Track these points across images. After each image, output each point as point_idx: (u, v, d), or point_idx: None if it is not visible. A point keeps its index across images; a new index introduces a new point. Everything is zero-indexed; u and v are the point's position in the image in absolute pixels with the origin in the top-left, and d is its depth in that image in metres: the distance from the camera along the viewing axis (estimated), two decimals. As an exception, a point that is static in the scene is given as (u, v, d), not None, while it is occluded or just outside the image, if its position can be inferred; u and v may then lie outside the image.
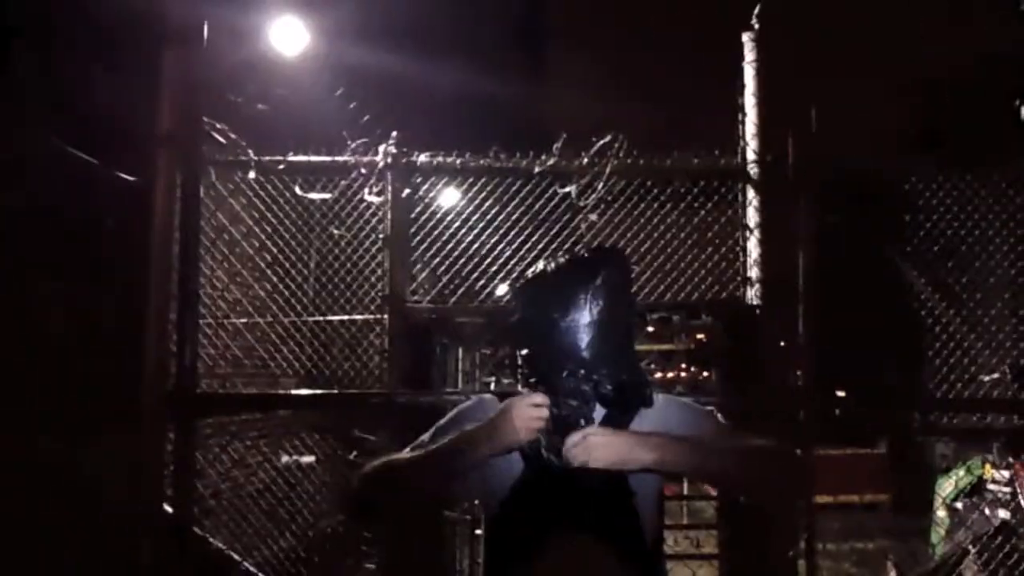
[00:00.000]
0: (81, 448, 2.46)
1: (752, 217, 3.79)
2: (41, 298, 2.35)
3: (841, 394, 3.74)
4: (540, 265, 2.01)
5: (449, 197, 4.37)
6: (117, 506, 2.67)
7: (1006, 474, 5.60)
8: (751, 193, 3.80)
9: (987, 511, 5.72)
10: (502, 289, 4.23)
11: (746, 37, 3.82)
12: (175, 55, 2.77)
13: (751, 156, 3.78)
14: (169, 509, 3.04)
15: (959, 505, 6.15)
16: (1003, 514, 5.52)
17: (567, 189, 4.02)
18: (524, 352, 1.95)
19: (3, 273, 2.23)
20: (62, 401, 2.42)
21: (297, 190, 4.20)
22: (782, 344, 3.62)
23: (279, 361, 4.84)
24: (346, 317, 4.71)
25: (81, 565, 2.46)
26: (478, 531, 4.26)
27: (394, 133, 4.00)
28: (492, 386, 5.74)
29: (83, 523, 2.48)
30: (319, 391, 4.41)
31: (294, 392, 4.52)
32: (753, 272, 3.77)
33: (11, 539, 2.21)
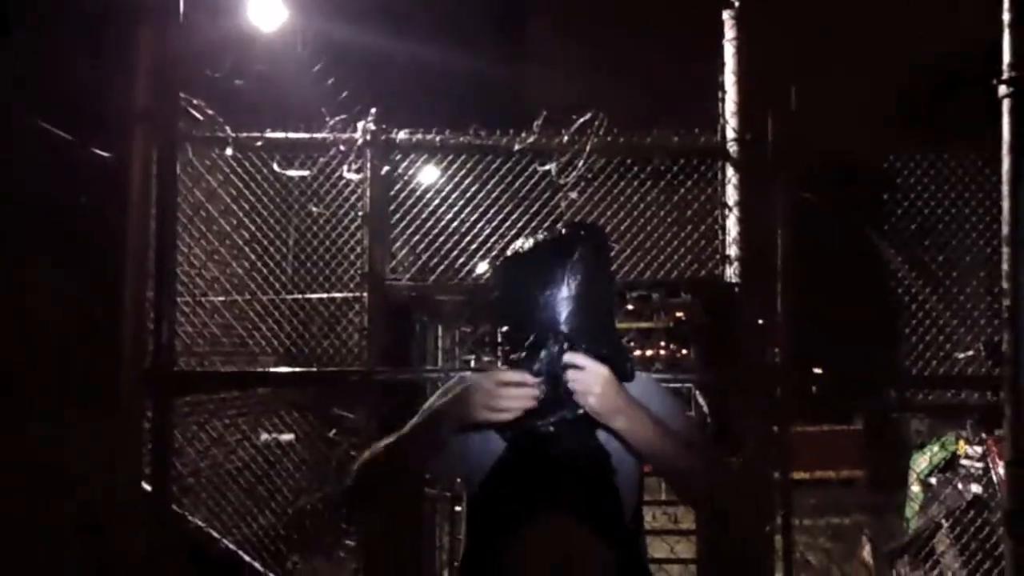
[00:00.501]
0: (57, 428, 2.44)
1: (731, 195, 3.80)
2: (15, 277, 2.33)
3: (818, 371, 3.77)
4: (519, 242, 2.01)
5: (429, 174, 4.36)
6: (94, 485, 2.66)
7: (979, 450, 5.67)
8: (730, 171, 3.81)
9: (960, 486, 5.80)
10: (482, 267, 4.23)
11: (726, 15, 3.81)
12: (151, 30, 2.73)
13: (731, 134, 3.78)
14: (147, 488, 3.04)
15: (933, 480, 6.23)
16: (975, 489, 5.60)
17: (547, 167, 4.01)
18: (504, 329, 1.95)
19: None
20: (36, 381, 2.40)
21: (275, 167, 4.17)
22: (760, 322, 3.64)
23: (258, 339, 4.83)
24: (325, 295, 4.70)
25: (56, 545, 2.45)
26: (458, 508, 4.29)
27: (373, 110, 3.97)
28: (472, 364, 5.75)
29: (59, 503, 2.47)
30: (298, 369, 4.40)
31: (273, 370, 4.50)
32: (732, 250, 3.78)
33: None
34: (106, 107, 2.62)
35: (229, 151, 4.02)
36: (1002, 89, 2.46)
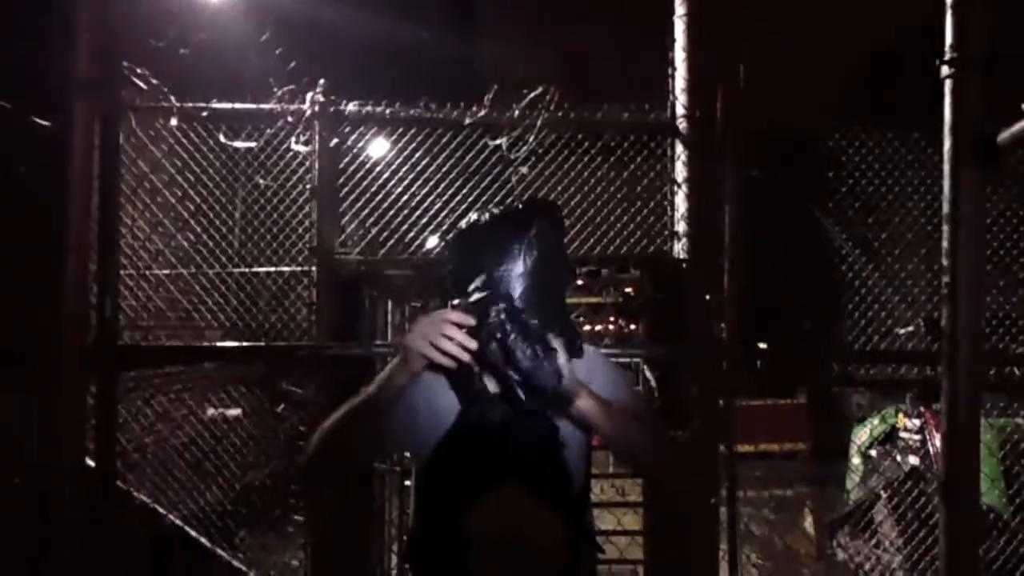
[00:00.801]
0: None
1: (680, 172, 3.82)
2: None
3: (763, 346, 3.83)
4: (474, 216, 2.00)
5: (378, 147, 4.31)
6: (35, 462, 2.62)
7: (917, 422, 5.83)
8: (680, 148, 3.83)
9: (898, 458, 5.96)
10: (432, 241, 4.21)
11: (676, -10, 3.82)
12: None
13: (680, 111, 3.80)
14: (91, 463, 2.99)
15: (873, 453, 6.39)
16: (913, 460, 5.77)
17: (498, 141, 3.99)
18: (456, 302, 1.95)
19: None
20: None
21: (221, 138, 4.09)
22: (707, 297, 3.68)
23: (204, 313, 4.76)
24: (273, 269, 4.65)
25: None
26: (408, 482, 4.29)
27: (321, 81, 3.91)
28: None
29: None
30: (245, 343, 4.35)
31: (219, 344, 4.45)
32: (680, 226, 3.81)
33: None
34: (47, 75, 2.55)
35: (174, 121, 3.93)
36: (944, 70, 2.49)
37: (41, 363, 2.70)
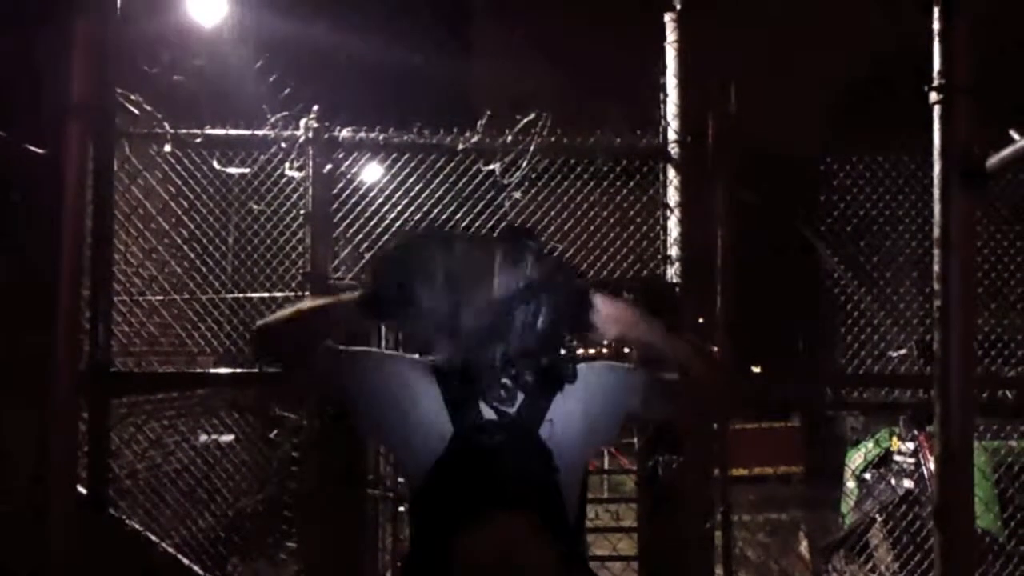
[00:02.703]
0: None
1: (672, 196, 3.84)
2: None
3: (757, 370, 3.84)
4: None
5: (372, 173, 4.32)
6: (26, 489, 2.60)
7: (911, 446, 5.82)
8: (672, 173, 3.85)
9: (893, 481, 5.95)
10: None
11: (668, 17, 3.85)
12: (87, 22, 2.67)
13: (672, 136, 3.82)
14: (83, 491, 2.98)
15: (867, 476, 6.38)
16: (908, 484, 5.75)
17: (491, 166, 4.01)
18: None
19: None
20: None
21: (215, 164, 4.10)
22: (700, 321, 3.68)
23: (197, 339, 4.75)
24: (266, 294, 4.65)
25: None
26: (402, 508, 4.27)
27: (315, 107, 3.93)
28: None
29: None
30: (238, 370, 4.34)
31: (212, 371, 4.44)
32: (673, 250, 3.82)
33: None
34: (40, 101, 2.56)
35: (168, 147, 3.94)
36: (932, 96, 2.51)
37: (33, 389, 2.69)
